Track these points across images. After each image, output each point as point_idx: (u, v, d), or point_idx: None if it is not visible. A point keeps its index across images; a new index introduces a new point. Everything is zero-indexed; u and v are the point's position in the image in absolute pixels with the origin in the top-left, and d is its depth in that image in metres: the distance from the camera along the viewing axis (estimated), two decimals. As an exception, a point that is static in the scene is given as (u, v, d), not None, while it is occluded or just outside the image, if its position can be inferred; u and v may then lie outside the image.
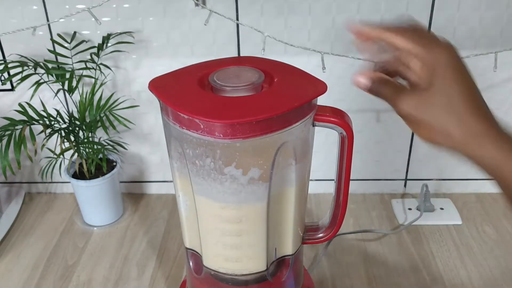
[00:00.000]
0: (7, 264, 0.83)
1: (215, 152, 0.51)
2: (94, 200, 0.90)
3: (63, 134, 0.84)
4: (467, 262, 0.81)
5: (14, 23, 0.84)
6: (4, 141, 0.77)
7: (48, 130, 0.83)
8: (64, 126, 0.85)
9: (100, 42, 0.83)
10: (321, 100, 0.55)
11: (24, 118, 0.81)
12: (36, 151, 0.94)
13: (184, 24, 0.84)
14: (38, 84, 0.81)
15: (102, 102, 0.86)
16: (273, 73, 0.56)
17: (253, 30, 0.77)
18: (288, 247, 0.61)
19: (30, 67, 0.81)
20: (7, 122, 0.80)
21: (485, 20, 0.82)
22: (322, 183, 0.97)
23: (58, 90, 0.86)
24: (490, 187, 0.97)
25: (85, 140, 0.86)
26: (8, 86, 0.91)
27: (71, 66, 0.84)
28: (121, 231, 0.91)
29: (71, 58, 0.84)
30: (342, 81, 0.88)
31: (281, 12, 0.82)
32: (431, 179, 0.97)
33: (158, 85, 0.54)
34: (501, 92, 0.88)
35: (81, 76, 0.85)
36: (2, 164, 0.77)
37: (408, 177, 0.98)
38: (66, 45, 0.83)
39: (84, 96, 0.85)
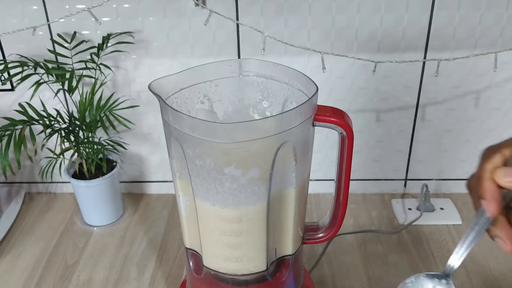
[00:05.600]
0: (7, 264, 0.83)
1: (215, 152, 0.51)
2: (94, 200, 0.90)
3: (63, 134, 0.84)
4: (467, 262, 0.81)
5: (14, 23, 0.84)
6: (4, 141, 0.77)
7: (48, 130, 0.83)
8: (64, 126, 0.85)
9: (100, 42, 0.83)
10: (321, 100, 0.55)
11: (24, 118, 0.81)
12: (36, 151, 0.94)
13: (184, 24, 0.84)
14: (38, 84, 0.81)
15: (102, 102, 0.86)
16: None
17: (253, 30, 0.77)
18: (288, 247, 0.61)
19: (30, 67, 0.81)
20: (7, 122, 0.80)
21: (485, 20, 0.82)
22: (322, 183, 0.97)
23: (58, 90, 0.86)
24: (490, 187, 0.97)
25: (85, 140, 0.86)
26: (8, 86, 0.91)
27: (71, 66, 0.84)
28: (121, 231, 0.91)
29: (71, 58, 0.84)
30: (342, 81, 0.88)
31: (281, 12, 0.82)
32: (431, 179, 0.97)
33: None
34: (501, 92, 0.88)
35: (81, 76, 0.85)
36: (2, 164, 0.77)
37: (408, 177, 0.98)
38: (66, 45, 0.83)
39: (84, 96, 0.85)
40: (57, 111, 0.87)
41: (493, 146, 0.44)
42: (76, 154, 0.87)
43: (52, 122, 0.84)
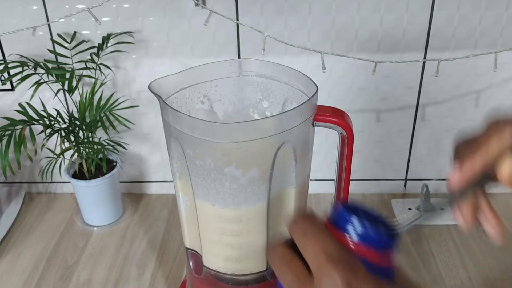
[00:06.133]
0: (7, 264, 0.83)
1: (215, 152, 0.51)
2: (94, 200, 0.90)
3: (63, 134, 0.84)
4: (467, 262, 0.81)
5: (14, 23, 0.84)
6: (4, 141, 0.77)
7: (48, 130, 0.83)
8: (64, 126, 0.85)
9: (100, 42, 0.83)
10: (321, 100, 0.55)
11: (24, 118, 0.81)
12: (36, 151, 0.94)
13: (184, 24, 0.84)
14: (38, 84, 0.81)
15: (102, 102, 0.86)
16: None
17: (253, 30, 0.77)
18: (288, 247, 0.61)
19: (30, 67, 0.81)
20: (7, 122, 0.80)
21: (485, 20, 0.82)
22: (322, 183, 0.97)
23: (58, 90, 0.86)
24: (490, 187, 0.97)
25: (85, 140, 0.86)
26: (8, 86, 0.91)
27: (71, 66, 0.84)
28: (121, 231, 0.91)
29: (71, 58, 0.84)
30: (342, 81, 0.88)
31: (281, 12, 0.82)
32: (431, 179, 0.97)
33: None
34: (501, 92, 0.88)
35: (81, 76, 0.85)
36: (2, 164, 0.77)
37: (408, 177, 0.98)
38: (66, 45, 0.83)
39: (84, 96, 0.85)
40: (57, 111, 0.87)
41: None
42: (76, 154, 0.87)
43: (52, 122, 0.84)
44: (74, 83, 0.84)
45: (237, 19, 0.83)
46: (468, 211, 0.39)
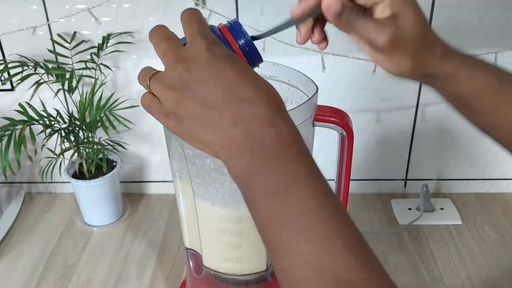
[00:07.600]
0: (7, 264, 0.83)
1: (215, 152, 0.51)
2: (94, 200, 0.90)
3: (63, 134, 0.84)
4: (467, 262, 0.81)
5: (14, 23, 0.84)
6: (4, 141, 0.77)
7: (48, 130, 0.83)
8: (64, 126, 0.85)
9: (100, 42, 0.83)
10: (321, 100, 0.55)
11: (24, 118, 0.81)
12: (36, 151, 0.94)
13: (184, 24, 0.84)
14: (38, 84, 0.81)
15: (102, 102, 0.86)
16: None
17: (253, 30, 0.77)
18: (288, 247, 0.61)
19: (30, 67, 0.81)
20: (7, 122, 0.80)
21: (485, 20, 0.82)
22: (322, 183, 0.97)
23: (58, 90, 0.86)
24: (490, 187, 0.97)
25: (85, 140, 0.86)
26: (8, 86, 0.91)
27: (71, 66, 0.84)
28: (121, 231, 0.91)
29: (71, 58, 0.84)
30: (342, 81, 0.88)
31: (281, 12, 0.82)
32: (431, 179, 0.97)
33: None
34: (501, 92, 0.88)
35: (81, 76, 0.85)
36: (2, 164, 0.77)
37: (408, 177, 0.98)
38: (66, 45, 0.83)
39: (84, 96, 0.85)
40: (57, 111, 0.87)
41: None
42: (76, 154, 0.87)
43: (52, 122, 0.84)
44: (74, 83, 0.84)
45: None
46: (305, 29, 0.52)
